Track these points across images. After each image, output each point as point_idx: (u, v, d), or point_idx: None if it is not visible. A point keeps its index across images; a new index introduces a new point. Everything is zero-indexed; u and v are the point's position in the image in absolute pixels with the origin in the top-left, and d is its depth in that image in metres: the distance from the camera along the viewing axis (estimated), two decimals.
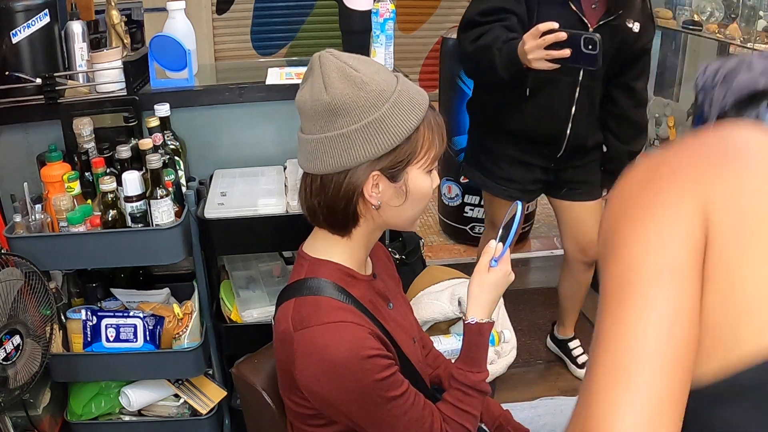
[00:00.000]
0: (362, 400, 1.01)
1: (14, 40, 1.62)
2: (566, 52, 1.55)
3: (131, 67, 1.72)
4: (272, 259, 1.92)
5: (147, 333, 1.63)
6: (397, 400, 1.02)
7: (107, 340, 1.64)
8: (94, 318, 1.64)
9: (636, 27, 1.84)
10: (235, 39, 4.40)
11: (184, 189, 1.68)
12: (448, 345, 1.74)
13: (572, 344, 2.47)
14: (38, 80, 1.64)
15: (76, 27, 1.73)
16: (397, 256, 1.98)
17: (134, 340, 1.63)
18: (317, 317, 1.01)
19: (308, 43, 4.44)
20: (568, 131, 1.93)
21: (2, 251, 1.46)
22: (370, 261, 1.20)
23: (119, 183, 1.53)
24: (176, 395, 1.78)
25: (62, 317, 1.66)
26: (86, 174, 1.62)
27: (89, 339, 1.64)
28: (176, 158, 1.69)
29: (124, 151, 1.57)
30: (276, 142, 1.88)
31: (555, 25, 1.56)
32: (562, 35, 1.54)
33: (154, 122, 1.63)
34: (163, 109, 1.68)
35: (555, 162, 2.01)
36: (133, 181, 1.50)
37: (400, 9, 2.12)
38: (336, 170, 1.01)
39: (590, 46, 1.52)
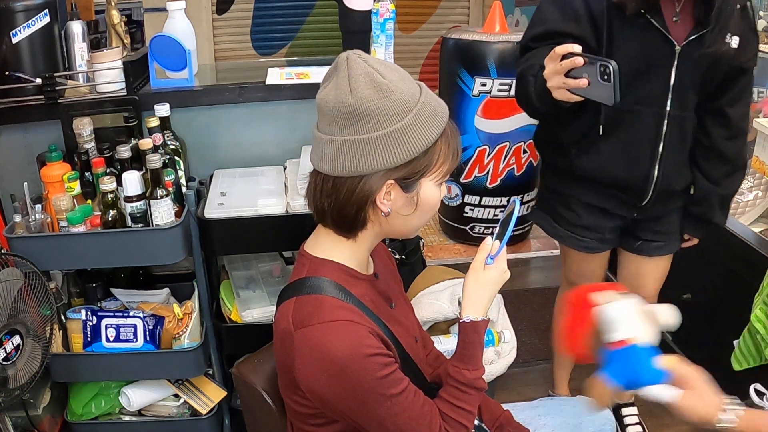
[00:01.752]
0: (362, 398, 1.01)
1: (14, 40, 1.62)
2: (583, 82, 1.30)
3: (131, 67, 1.72)
4: (272, 259, 1.92)
5: (147, 333, 1.63)
6: (397, 397, 1.03)
7: (107, 340, 1.64)
8: (94, 318, 1.64)
9: (735, 41, 1.48)
10: (235, 39, 4.40)
11: (184, 189, 1.68)
12: (448, 345, 1.75)
13: (625, 411, 2.14)
14: (38, 80, 1.64)
15: (76, 27, 1.73)
16: (397, 256, 1.98)
17: (134, 340, 1.63)
18: (317, 316, 1.01)
19: (308, 43, 4.44)
20: (655, 174, 1.59)
21: (2, 251, 1.46)
22: (371, 260, 1.20)
23: (119, 183, 1.53)
24: (176, 395, 1.78)
25: (62, 317, 1.66)
26: (86, 174, 1.62)
27: (89, 339, 1.64)
28: (176, 158, 1.69)
29: (124, 151, 1.57)
30: (276, 142, 1.88)
31: (575, 47, 1.32)
32: (579, 60, 1.29)
33: (154, 122, 1.63)
34: (163, 109, 1.68)
35: (638, 211, 1.68)
36: (133, 181, 1.50)
37: (400, 9, 2.12)
38: (351, 174, 1.01)
39: (605, 76, 1.26)
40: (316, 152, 1.05)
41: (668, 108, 1.53)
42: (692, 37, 1.47)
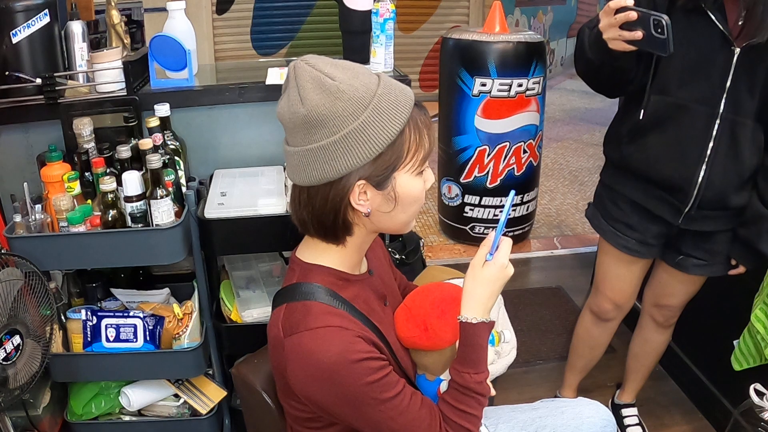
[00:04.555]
0: (355, 403, 1.00)
1: (14, 40, 1.62)
2: (638, 34, 1.34)
3: (131, 67, 1.72)
4: (272, 259, 1.92)
5: (147, 333, 1.63)
6: (392, 401, 1.02)
7: (107, 340, 1.64)
8: (94, 318, 1.64)
9: None
10: (235, 39, 4.41)
11: (184, 189, 1.68)
12: None
13: (625, 411, 2.15)
14: (38, 80, 1.64)
15: (76, 27, 1.73)
16: (397, 256, 1.98)
17: (134, 340, 1.63)
18: (305, 323, 1.00)
19: (308, 43, 4.45)
20: (701, 176, 1.53)
21: (2, 251, 1.46)
22: (365, 257, 1.19)
23: (119, 183, 1.53)
24: (176, 395, 1.78)
25: (62, 317, 1.66)
26: (86, 174, 1.62)
27: (89, 339, 1.64)
28: (176, 158, 1.69)
29: (124, 151, 1.57)
30: (276, 142, 1.88)
31: (628, 1, 1.34)
32: (633, 15, 1.33)
33: (154, 122, 1.63)
34: (163, 109, 1.68)
35: (683, 218, 1.62)
36: (133, 181, 1.50)
37: (400, 9, 2.12)
38: (320, 182, 1.00)
39: (659, 30, 1.32)
40: (287, 165, 1.05)
41: (721, 109, 1.49)
42: (754, 41, 1.41)
